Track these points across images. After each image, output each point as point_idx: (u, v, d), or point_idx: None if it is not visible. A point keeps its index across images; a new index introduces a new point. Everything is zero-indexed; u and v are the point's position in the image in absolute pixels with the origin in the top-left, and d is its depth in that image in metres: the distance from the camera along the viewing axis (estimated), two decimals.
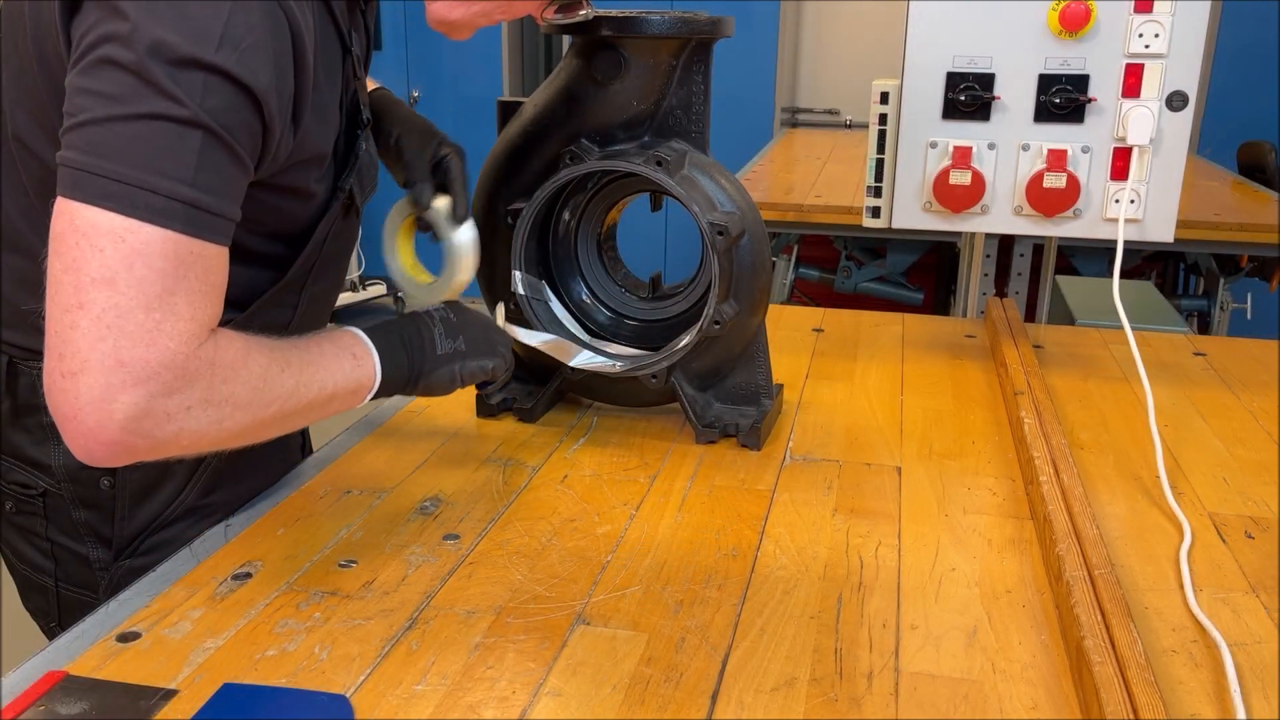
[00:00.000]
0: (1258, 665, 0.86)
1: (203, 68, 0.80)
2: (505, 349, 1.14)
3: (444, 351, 1.06)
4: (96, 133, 0.79)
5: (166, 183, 0.78)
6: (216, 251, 0.83)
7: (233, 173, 0.84)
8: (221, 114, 0.81)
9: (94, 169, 0.78)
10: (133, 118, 0.78)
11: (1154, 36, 1.37)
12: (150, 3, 0.79)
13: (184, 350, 0.80)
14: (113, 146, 0.78)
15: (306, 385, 0.91)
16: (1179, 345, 1.71)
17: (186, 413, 0.81)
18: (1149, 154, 1.42)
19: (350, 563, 0.99)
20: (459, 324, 1.09)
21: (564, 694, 0.81)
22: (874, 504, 1.14)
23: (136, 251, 0.78)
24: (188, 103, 0.79)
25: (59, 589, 1.11)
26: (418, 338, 1.05)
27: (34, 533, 1.09)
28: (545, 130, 1.27)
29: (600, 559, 1.01)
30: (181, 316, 0.79)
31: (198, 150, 0.80)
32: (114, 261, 0.77)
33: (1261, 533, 1.10)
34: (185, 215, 0.79)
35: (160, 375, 0.78)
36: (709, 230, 1.20)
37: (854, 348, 1.67)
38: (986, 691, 0.82)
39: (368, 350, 0.99)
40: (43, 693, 0.78)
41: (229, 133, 0.82)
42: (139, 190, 0.78)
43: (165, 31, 0.79)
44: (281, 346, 0.91)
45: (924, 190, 1.49)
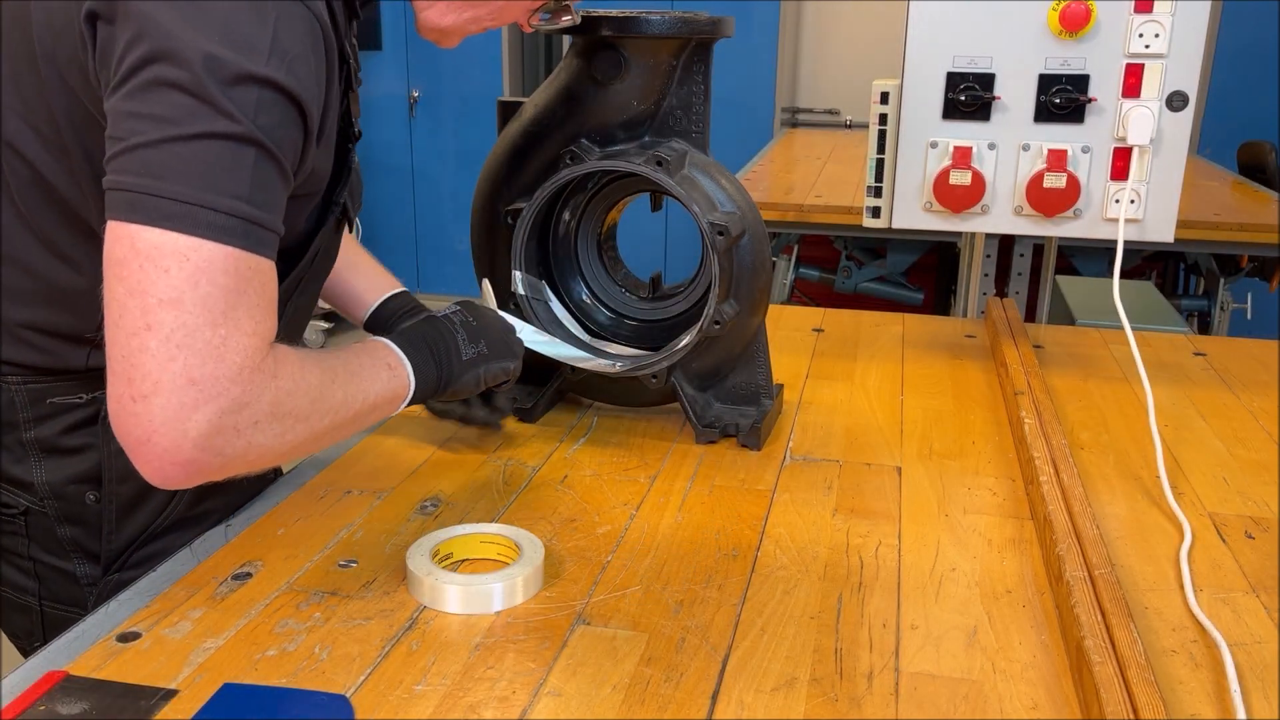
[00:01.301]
0: (1258, 665, 0.86)
1: (256, 81, 0.80)
2: (520, 349, 1.17)
3: (468, 356, 1.08)
4: (153, 155, 0.78)
5: (226, 200, 0.79)
6: (269, 265, 0.84)
7: (281, 186, 0.84)
8: (273, 128, 0.82)
9: (152, 190, 0.78)
10: (189, 138, 0.78)
11: (1154, 36, 1.37)
12: (193, 15, 0.79)
13: (250, 365, 0.80)
14: (170, 168, 0.78)
15: (353, 396, 0.92)
16: (1179, 345, 1.71)
17: (254, 427, 0.81)
18: (1149, 154, 1.42)
19: (350, 563, 0.99)
20: (479, 328, 1.11)
21: (564, 694, 0.81)
22: (874, 504, 1.14)
23: (201, 269, 0.78)
24: (242, 119, 0.79)
25: (43, 608, 1.09)
26: (443, 345, 1.06)
27: (15, 553, 1.07)
28: (545, 130, 1.27)
29: (600, 559, 1.01)
30: (245, 331, 0.80)
31: (252, 166, 0.80)
32: (179, 281, 0.77)
33: (1261, 533, 1.10)
34: (245, 231, 0.80)
35: (230, 391, 0.78)
36: (709, 230, 1.20)
37: (854, 348, 1.67)
38: (986, 691, 0.82)
39: (401, 361, 1.00)
40: (43, 693, 0.78)
41: (279, 147, 0.82)
42: (200, 209, 0.78)
43: (214, 46, 0.79)
44: (328, 359, 0.92)
45: (924, 190, 1.49)
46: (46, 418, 1.03)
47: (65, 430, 1.04)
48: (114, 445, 1.03)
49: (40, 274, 0.98)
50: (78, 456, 1.04)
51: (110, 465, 1.05)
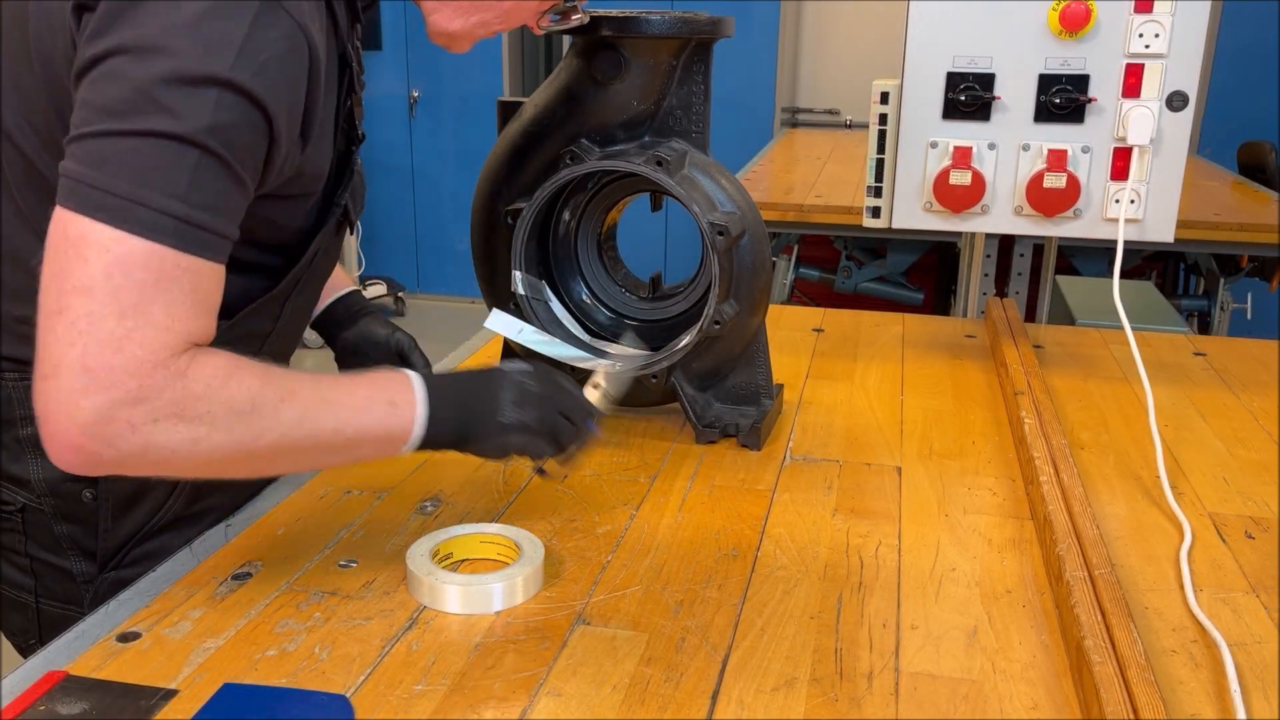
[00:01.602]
0: (1258, 665, 0.86)
1: (216, 84, 0.80)
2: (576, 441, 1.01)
3: (506, 420, 0.96)
4: (95, 146, 0.79)
5: (159, 198, 0.78)
6: (208, 267, 0.82)
7: (230, 190, 0.83)
8: (226, 130, 0.81)
9: (89, 180, 0.78)
10: (130, 134, 0.78)
11: (1154, 36, 1.37)
12: (167, 12, 0.79)
13: (152, 360, 0.78)
14: (109, 160, 0.78)
15: (316, 422, 0.87)
16: (1179, 345, 1.71)
17: (153, 425, 0.79)
18: (1149, 154, 1.42)
19: (350, 563, 0.99)
20: (537, 396, 0.98)
21: (564, 694, 0.81)
22: (874, 504, 1.14)
23: (118, 261, 0.77)
24: (187, 120, 0.79)
25: (39, 605, 1.09)
26: (479, 399, 0.96)
27: (12, 550, 1.07)
28: (545, 130, 1.27)
29: (600, 559, 1.01)
30: (156, 326, 0.78)
31: (193, 168, 0.80)
32: (95, 270, 0.77)
33: (1261, 533, 1.10)
34: (175, 229, 0.79)
35: (125, 383, 0.77)
36: (709, 230, 1.20)
37: (854, 348, 1.67)
38: (986, 691, 0.82)
39: (413, 400, 0.92)
40: (43, 693, 0.78)
41: (230, 151, 0.82)
42: (130, 204, 0.78)
43: (180, 44, 0.79)
44: (291, 377, 0.87)
45: (924, 190, 1.49)
46: None
47: None
48: None
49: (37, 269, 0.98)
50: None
51: None
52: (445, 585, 0.92)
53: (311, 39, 0.86)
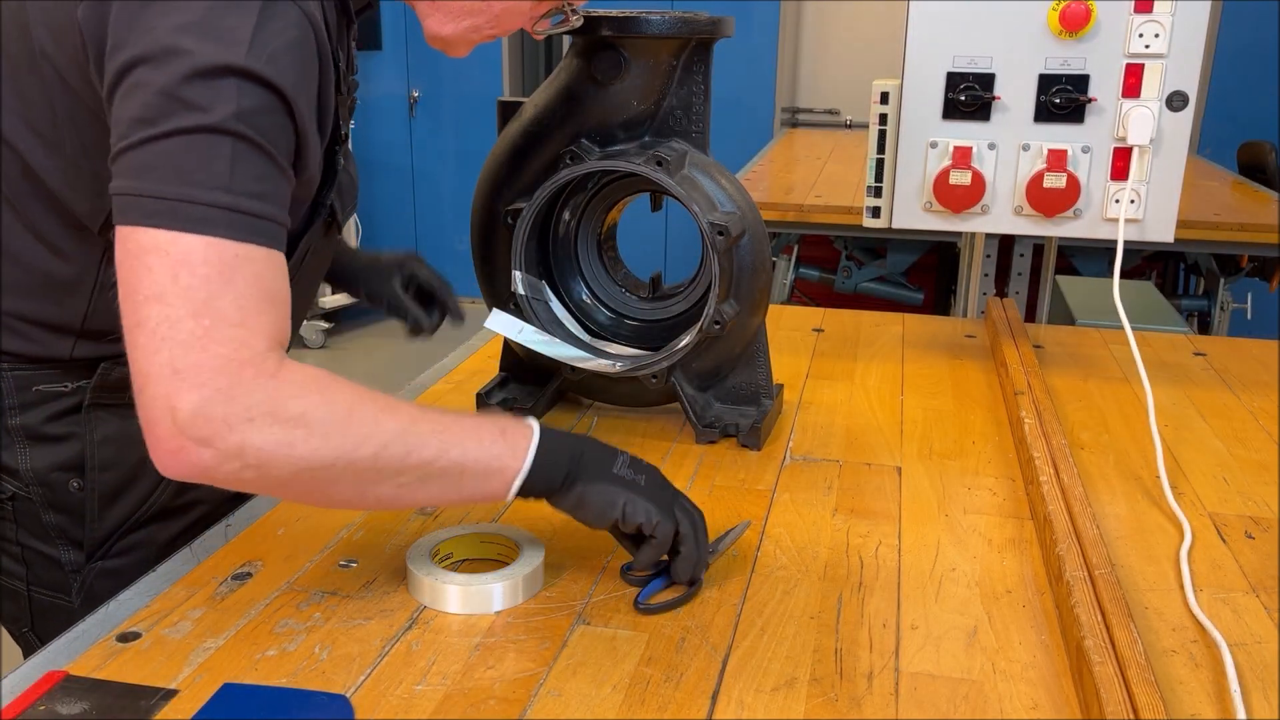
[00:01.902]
0: (1258, 665, 0.86)
1: (233, 73, 0.80)
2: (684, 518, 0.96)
3: (619, 474, 0.94)
4: (135, 156, 0.80)
5: (203, 192, 0.79)
6: (265, 254, 0.82)
7: (272, 175, 0.84)
8: (253, 116, 0.81)
9: (136, 190, 0.79)
10: (163, 136, 0.79)
11: (1154, 36, 1.37)
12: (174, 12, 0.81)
13: (238, 357, 0.78)
14: (149, 166, 0.79)
15: (420, 438, 0.84)
16: (1179, 345, 1.71)
17: (248, 424, 0.77)
18: (1149, 154, 1.42)
19: (350, 563, 0.99)
20: (647, 468, 0.97)
21: (564, 694, 0.81)
22: (874, 504, 1.14)
23: (180, 262, 0.78)
24: (214, 111, 0.80)
25: (30, 593, 1.10)
26: (593, 451, 0.94)
27: (4, 538, 1.09)
28: (545, 130, 1.27)
29: (600, 559, 1.01)
30: (230, 321, 0.78)
31: (229, 156, 0.80)
32: (162, 277, 0.78)
33: (1261, 533, 1.10)
34: (225, 220, 0.79)
35: (214, 380, 0.77)
36: (709, 230, 1.20)
37: (854, 348, 1.67)
38: (986, 691, 0.82)
39: (527, 433, 0.90)
40: (43, 693, 0.78)
41: (262, 135, 0.82)
42: (178, 203, 0.78)
43: (191, 42, 0.80)
44: (391, 398, 0.86)
45: (924, 190, 1.49)
46: (32, 405, 1.04)
47: (50, 418, 1.05)
48: (96, 434, 1.06)
49: (30, 265, 0.99)
50: (62, 444, 1.04)
51: (93, 454, 1.06)
52: (445, 585, 0.92)
53: (319, 28, 0.87)
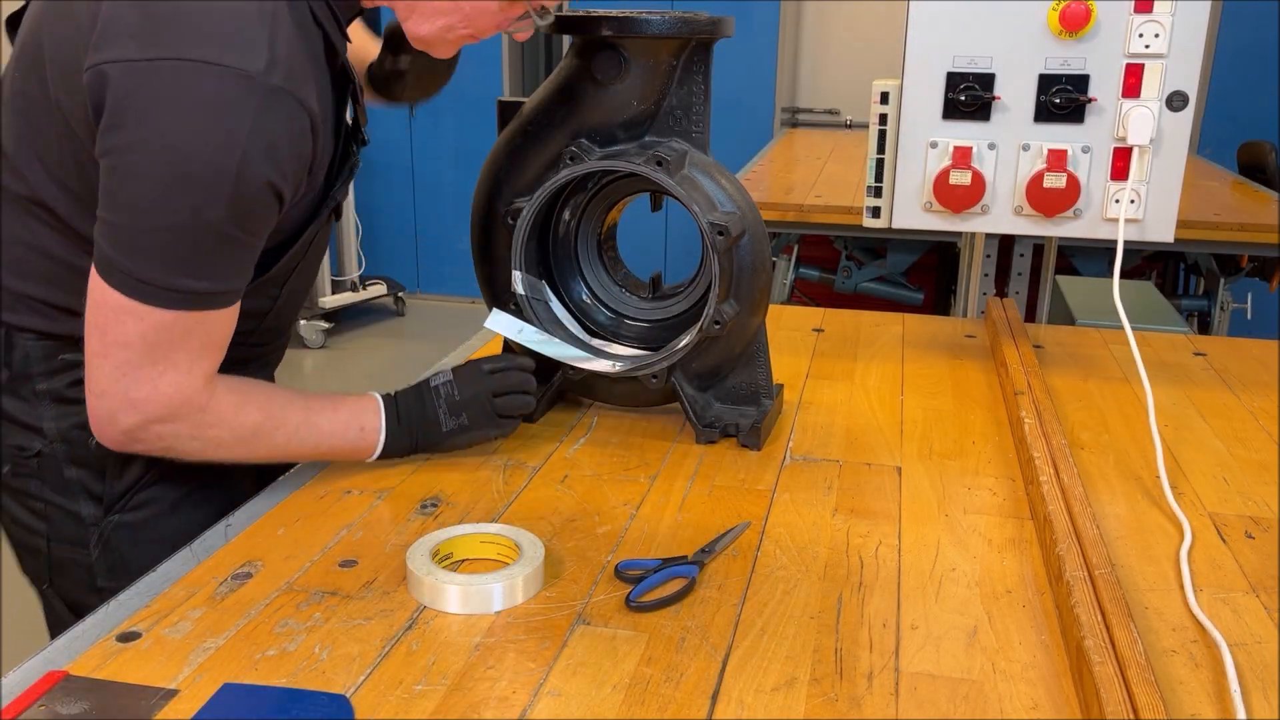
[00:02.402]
0: (1258, 665, 0.86)
1: (227, 175, 0.93)
2: (513, 410, 1.22)
3: (448, 429, 1.19)
4: (125, 234, 0.95)
5: (181, 280, 0.96)
6: (219, 314, 1.01)
7: (239, 255, 1.00)
8: (241, 217, 0.96)
9: (123, 267, 0.96)
10: (148, 230, 0.95)
11: (1154, 36, 1.37)
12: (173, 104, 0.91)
13: (179, 396, 1.01)
14: (138, 249, 0.95)
15: (301, 442, 1.11)
16: (1179, 345, 1.71)
17: (175, 438, 1.04)
18: (1149, 154, 1.42)
19: (350, 563, 0.99)
20: (462, 401, 1.19)
21: (564, 694, 0.81)
22: (874, 504, 1.14)
23: (150, 326, 0.98)
24: (203, 213, 0.94)
25: (50, 548, 1.18)
26: (423, 420, 1.18)
27: (28, 494, 1.16)
28: (545, 130, 1.27)
29: (600, 559, 1.01)
30: (180, 370, 1.00)
31: (210, 251, 0.97)
32: (131, 332, 0.98)
33: (1261, 533, 1.10)
34: (193, 300, 0.98)
35: (156, 411, 1.01)
36: (709, 230, 1.20)
37: (854, 348, 1.67)
38: (986, 691, 0.82)
39: (378, 429, 1.16)
40: (43, 693, 0.78)
41: (242, 230, 0.98)
42: (157, 288, 0.96)
43: (190, 143, 0.92)
44: (286, 407, 1.10)
45: (924, 190, 1.49)
46: (58, 371, 1.13)
47: (73, 383, 1.12)
48: None
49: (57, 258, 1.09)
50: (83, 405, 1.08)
51: None
52: (445, 585, 0.92)
53: (311, 109, 0.98)
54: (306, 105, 0.97)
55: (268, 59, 0.93)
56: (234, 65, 0.92)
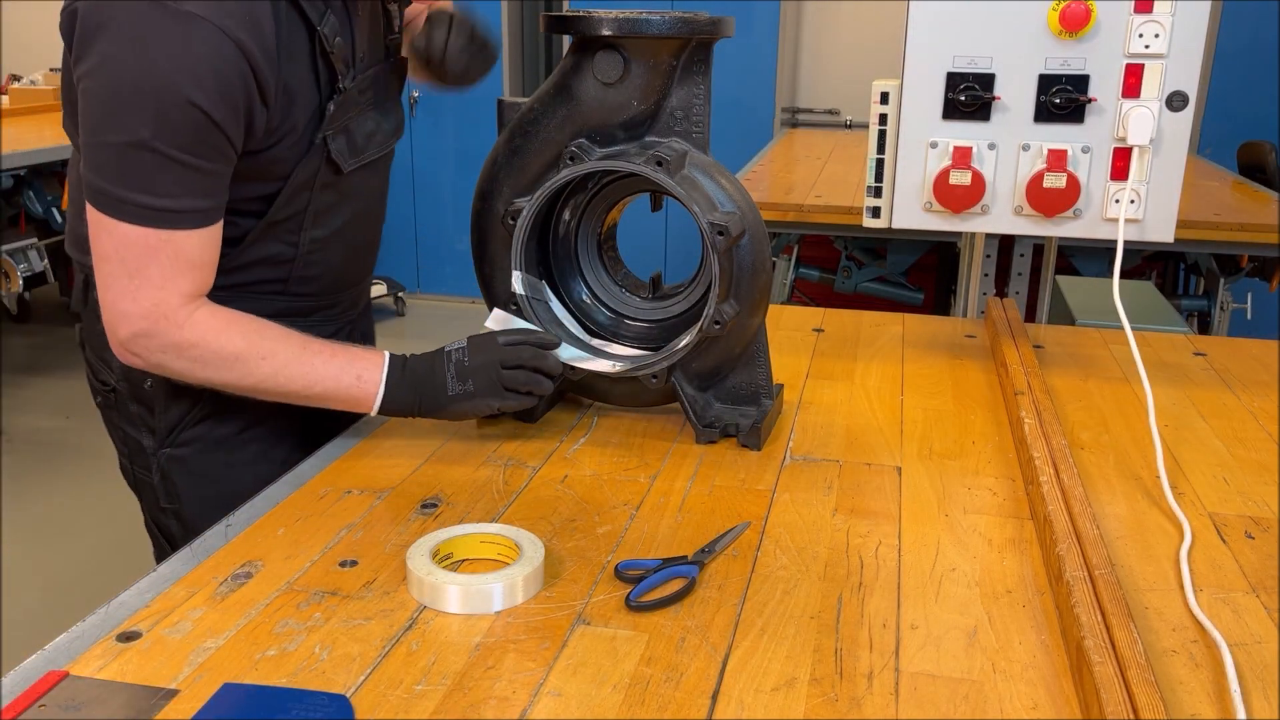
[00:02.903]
0: (1258, 665, 0.86)
1: (148, 95, 1.04)
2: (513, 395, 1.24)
3: (454, 393, 1.22)
4: (89, 154, 1.09)
5: (132, 194, 1.08)
6: (186, 236, 1.11)
7: (184, 177, 1.09)
8: (170, 134, 1.06)
9: (91, 183, 1.09)
10: (104, 145, 1.07)
11: (1154, 36, 1.37)
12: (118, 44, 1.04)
13: (155, 310, 1.11)
14: (99, 165, 1.08)
15: (290, 377, 1.16)
16: (1179, 345, 1.71)
17: (162, 353, 1.14)
18: (1149, 154, 1.42)
19: (350, 563, 0.99)
20: (470, 367, 1.22)
21: (564, 694, 0.81)
22: (874, 504, 1.14)
23: (120, 240, 1.10)
24: (137, 131, 1.05)
25: (134, 471, 1.36)
26: (431, 382, 1.21)
27: (113, 423, 1.35)
28: (545, 130, 1.27)
29: (600, 559, 1.01)
30: (154, 285, 1.11)
31: (151, 167, 1.07)
32: (108, 246, 1.11)
33: (1261, 533, 1.10)
34: (150, 216, 1.09)
35: (137, 322, 1.12)
36: (709, 230, 1.20)
37: (854, 348, 1.67)
38: (986, 691, 0.82)
39: (378, 380, 1.19)
40: (43, 693, 0.78)
41: (178, 148, 1.07)
42: (117, 201, 1.08)
43: (126, 68, 1.04)
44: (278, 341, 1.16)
45: (924, 190, 1.49)
46: None
47: None
48: None
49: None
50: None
51: None
52: (445, 585, 0.92)
53: (238, 37, 1.07)
54: (231, 33, 1.06)
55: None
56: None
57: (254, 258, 1.25)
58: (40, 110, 4.94)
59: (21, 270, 4.17)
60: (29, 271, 4.22)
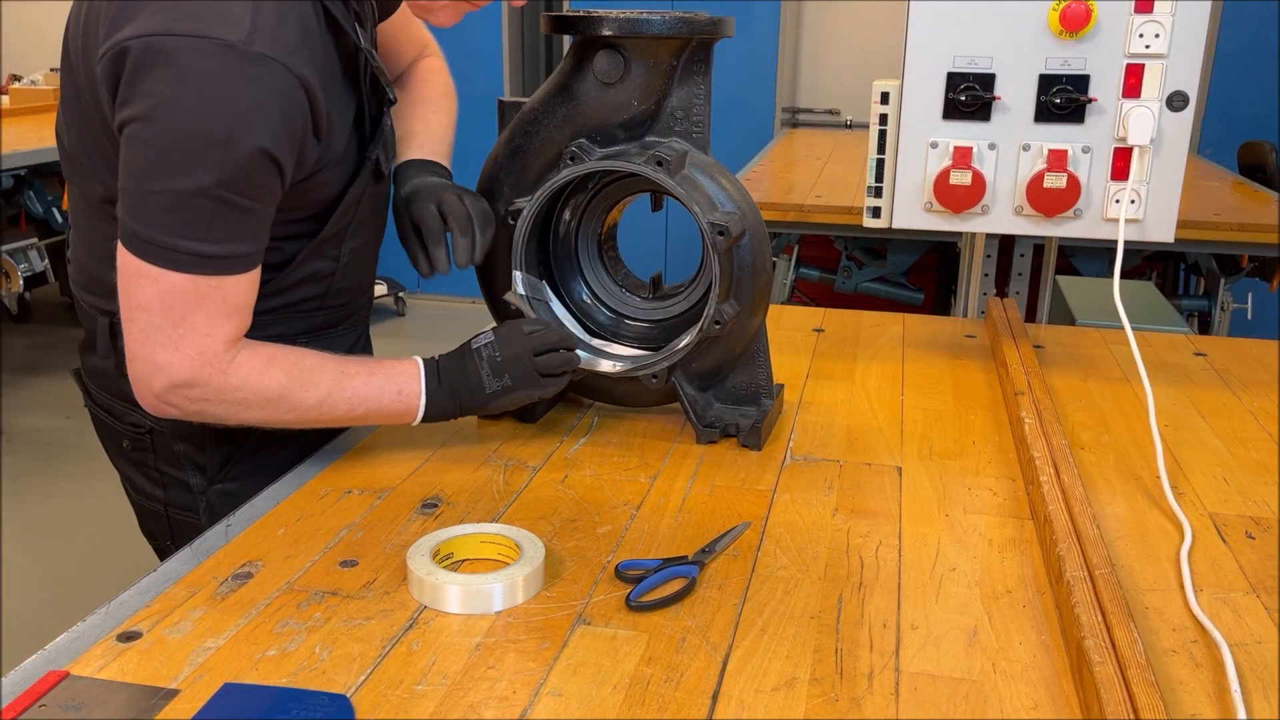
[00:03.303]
0: (1258, 665, 0.86)
1: (216, 142, 0.98)
2: (553, 368, 1.23)
3: (491, 390, 1.20)
4: (135, 201, 1.02)
5: (186, 243, 1.02)
6: (234, 280, 1.06)
7: (245, 220, 1.04)
8: (234, 181, 1.01)
9: (135, 231, 1.02)
10: (153, 193, 1.01)
11: (1154, 36, 1.37)
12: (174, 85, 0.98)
13: (200, 358, 1.06)
14: (146, 214, 1.02)
15: (334, 405, 1.13)
16: (1179, 345, 1.71)
17: (204, 402, 1.09)
18: (1149, 154, 1.42)
19: (350, 563, 0.99)
20: (504, 361, 1.21)
21: (564, 694, 0.81)
22: (874, 504, 1.14)
23: (166, 289, 1.03)
24: (198, 178, 0.99)
25: (169, 513, 1.30)
26: (467, 384, 1.20)
27: (146, 465, 1.29)
28: (545, 130, 1.27)
29: (600, 559, 1.01)
30: (200, 333, 1.05)
31: (209, 214, 1.01)
32: (150, 295, 1.04)
33: (1261, 533, 1.10)
34: (202, 263, 1.03)
35: (181, 373, 1.06)
36: (709, 230, 1.20)
37: (854, 348, 1.67)
38: (987, 691, 0.82)
39: (418, 391, 1.17)
40: (43, 693, 0.78)
41: (240, 194, 1.02)
42: (166, 250, 1.02)
43: (191, 113, 0.98)
44: (317, 369, 1.13)
45: (924, 190, 1.49)
46: None
47: None
48: None
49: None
50: None
51: None
52: (445, 585, 0.92)
53: (301, 74, 1.03)
54: (295, 71, 1.02)
55: (249, 28, 0.99)
56: (215, 36, 0.98)
57: (298, 277, 1.22)
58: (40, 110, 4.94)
59: (21, 270, 4.18)
60: (29, 271, 4.22)
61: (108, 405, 1.29)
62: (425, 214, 1.26)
